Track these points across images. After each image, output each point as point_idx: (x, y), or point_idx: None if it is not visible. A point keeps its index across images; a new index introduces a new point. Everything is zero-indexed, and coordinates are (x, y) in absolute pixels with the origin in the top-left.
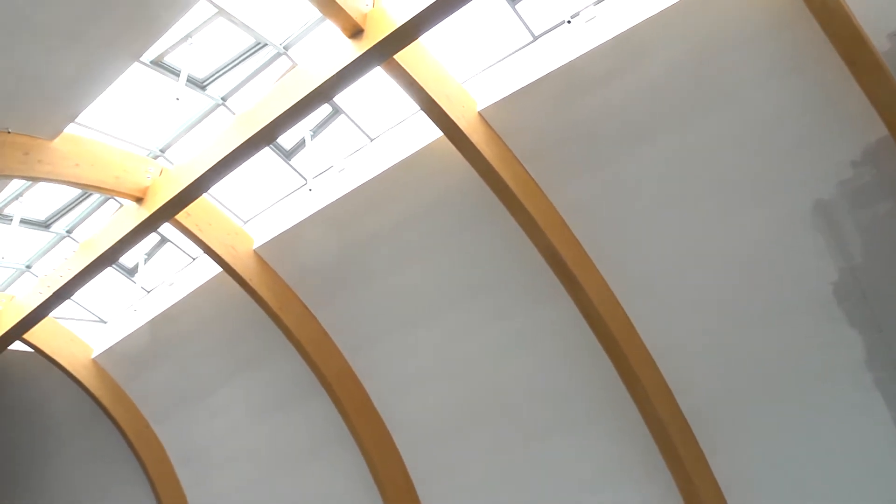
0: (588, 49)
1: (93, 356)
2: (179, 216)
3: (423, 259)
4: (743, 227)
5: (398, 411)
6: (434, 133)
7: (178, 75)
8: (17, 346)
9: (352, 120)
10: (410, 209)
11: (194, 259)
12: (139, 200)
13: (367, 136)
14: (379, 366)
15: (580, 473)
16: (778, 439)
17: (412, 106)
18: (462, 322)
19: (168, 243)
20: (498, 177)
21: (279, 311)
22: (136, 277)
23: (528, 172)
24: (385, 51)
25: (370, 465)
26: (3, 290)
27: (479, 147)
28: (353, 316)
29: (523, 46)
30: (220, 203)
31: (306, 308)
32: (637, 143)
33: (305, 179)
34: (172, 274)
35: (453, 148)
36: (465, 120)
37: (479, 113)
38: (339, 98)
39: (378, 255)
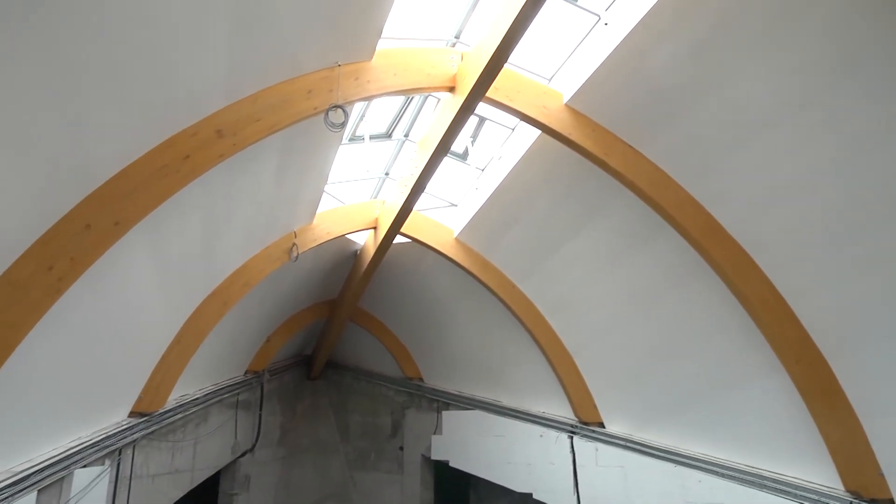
0: None
1: (455, 236)
2: (489, 93)
3: (755, 62)
4: None
5: (754, 231)
6: None
7: None
8: (398, 239)
9: None
10: (726, 9)
11: (513, 129)
12: (451, 90)
13: None
14: (724, 188)
15: None
16: None
17: None
18: (816, 122)
19: (487, 121)
20: None
21: (605, 157)
22: (469, 160)
23: None
24: None
25: (732, 288)
26: (375, 196)
27: None
28: (685, 143)
29: None
30: (522, 69)
31: (631, 148)
32: None
33: (598, 15)
34: (498, 148)
35: None
36: None
37: None
38: None
39: (699, 72)
